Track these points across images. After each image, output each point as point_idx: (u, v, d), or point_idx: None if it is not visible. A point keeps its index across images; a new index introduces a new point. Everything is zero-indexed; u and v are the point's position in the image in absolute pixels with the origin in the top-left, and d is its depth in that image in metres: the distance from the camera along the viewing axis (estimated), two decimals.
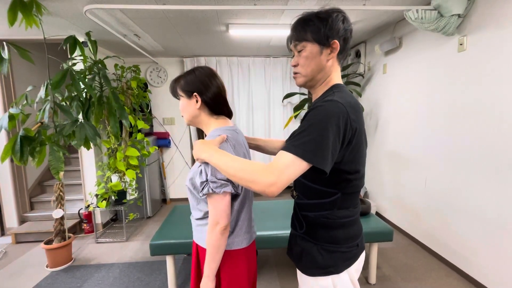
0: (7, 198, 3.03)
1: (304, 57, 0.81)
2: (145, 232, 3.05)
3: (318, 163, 0.68)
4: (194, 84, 0.94)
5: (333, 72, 0.83)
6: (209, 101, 0.95)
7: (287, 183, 0.68)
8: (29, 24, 1.77)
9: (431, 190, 2.38)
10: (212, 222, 0.86)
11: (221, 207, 0.86)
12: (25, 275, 2.25)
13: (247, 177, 0.69)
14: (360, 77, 3.50)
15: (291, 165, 0.68)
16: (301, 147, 0.69)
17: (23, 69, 3.23)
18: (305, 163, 0.68)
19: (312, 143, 0.68)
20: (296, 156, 0.68)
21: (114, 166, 2.83)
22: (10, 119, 1.86)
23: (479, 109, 1.90)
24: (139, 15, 2.30)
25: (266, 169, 0.68)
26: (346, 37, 0.80)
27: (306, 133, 0.70)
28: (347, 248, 0.83)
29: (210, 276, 0.89)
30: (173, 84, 0.98)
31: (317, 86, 0.85)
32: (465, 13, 1.95)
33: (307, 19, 0.80)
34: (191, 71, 0.96)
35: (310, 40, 0.79)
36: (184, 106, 0.96)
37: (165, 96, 3.96)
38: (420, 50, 2.45)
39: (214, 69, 1.04)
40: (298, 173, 0.69)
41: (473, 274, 2.01)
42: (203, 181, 0.85)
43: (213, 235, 0.86)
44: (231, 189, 0.86)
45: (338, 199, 0.81)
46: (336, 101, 0.72)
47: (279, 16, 2.42)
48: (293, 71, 0.86)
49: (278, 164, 0.69)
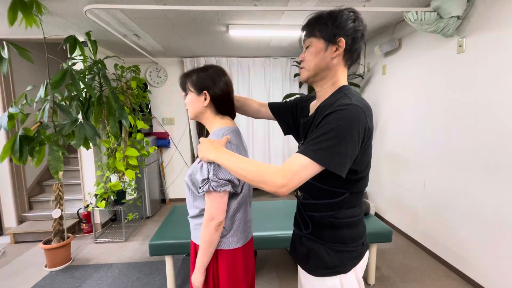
0: (6, 197, 3.02)
1: (310, 52, 0.82)
2: (144, 232, 3.04)
3: (335, 169, 0.69)
4: (206, 81, 0.94)
5: (340, 72, 0.82)
6: (217, 101, 0.96)
7: (298, 185, 0.69)
8: (29, 24, 1.77)
9: (430, 191, 2.38)
10: (208, 217, 0.88)
11: (218, 204, 0.87)
12: (23, 275, 2.25)
13: (258, 179, 0.70)
14: (359, 78, 3.50)
15: (305, 169, 0.69)
16: (319, 152, 0.68)
17: (22, 68, 3.23)
18: (319, 166, 0.69)
19: (331, 148, 0.68)
20: (312, 160, 0.68)
21: (114, 166, 2.83)
22: (9, 118, 1.86)
23: (478, 110, 1.91)
24: (139, 15, 2.30)
25: (279, 171, 0.69)
26: (355, 36, 0.78)
27: (326, 137, 0.69)
28: (353, 247, 0.83)
29: (201, 269, 0.91)
30: (183, 78, 0.98)
31: (323, 84, 0.84)
32: (464, 15, 1.96)
33: (318, 16, 0.80)
34: (205, 68, 0.97)
35: (317, 36, 0.80)
36: (192, 101, 0.96)
37: (164, 96, 3.97)
38: (420, 52, 2.46)
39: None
40: (310, 176, 0.70)
41: (471, 275, 2.01)
42: (205, 179, 0.85)
43: (207, 230, 0.88)
44: (231, 188, 0.88)
45: (346, 198, 0.81)
46: (356, 105, 0.72)
47: (279, 17, 2.42)
48: (300, 66, 0.88)
49: (292, 166, 0.69)
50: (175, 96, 3.98)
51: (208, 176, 0.85)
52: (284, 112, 1.07)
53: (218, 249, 0.93)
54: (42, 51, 2.05)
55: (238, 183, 0.91)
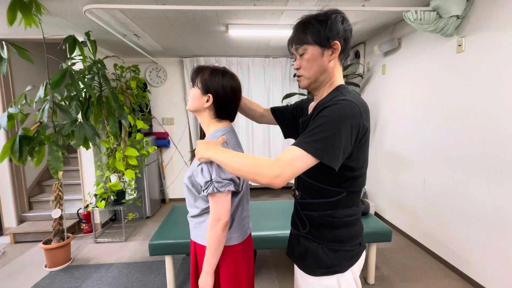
0: (6, 197, 3.02)
1: (306, 59, 0.82)
2: (144, 232, 3.04)
3: (328, 161, 0.70)
4: (215, 85, 0.92)
5: (336, 73, 0.84)
6: (219, 106, 0.95)
7: (292, 176, 0.70)
8: (29, 24, 1.76)
9: (430, 191, 2.38)
10: (214, 218, 0.88)
11: (223, 204, 0.88)
12: (23, 275, 2.25)
13: (253, 171, 0.71)
14: (359, 78, 3.50)
15: (298, 160, 0.69)
16: (312, 144, 0.70)
17: (22, 68, 3.23)
18: (313, 158, 0.70)
19: (324, 140, 0.69)
20: (306, 152, 0.69)
21: (113, 166, 2.83)
22: (9, 118, 1.86)
23: (477, 110, 1.91)
24: (138, 15, 2.30)
25: (273, 162, 0.70)
26: (346, 37, 0.81)
27: (319, 130, 0.70)
28: (350, 246, 0.84)
29: (209, 272, 0.91)
30: (197, 71, 0.96)
31: (321, 87, 0.86)
32: (463, 14, 1.96)
33: (306, 22, 0.81)
34: (220, 72, 0.94)
35: (311, 43, 0.80)
36: (195, 97, 0.95)
37: (164, 96, 3.97)
38: (419, 51, 2.46)
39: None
40: (304, 168, 0.71)
41: (471, 275, 2.01)
42: (207, 181, 0.86)
43: (215, 231, 0.88)
44: (234, 187, 0.89)
45: (343, 198, 0.82)
46: (351, 101, 0.74)
47: (279, 16, 2.42)
48: (297, 74, 0.87)
49: (286, 157, 0.70)
50: (175, 96, 3.98)
51: (211, 177, 0.85)
52: (286, 115, 1.09)
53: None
54: (41, 51, 2.05)
55: (239, 182, 0.92)
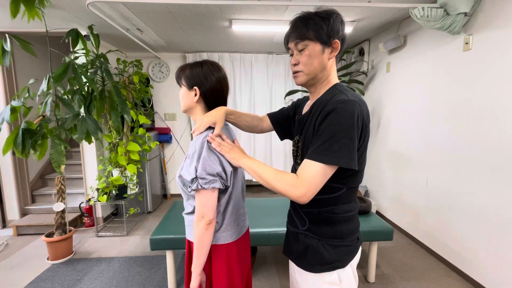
0: (9, 190, 3.04)
1: (307, 55, 0.81)
2: (146, 227, 3.06)
3: (349, 165, 0.72)
4: (197, 77, 0.94)
5: (332, 70, 0.86)
6: (208, 98, 0.95)
7: (317, 190, 0.73)
8: (32, 17, 1.76)
9: (432, 190, 2.37)
10: (198, 215, 0.88)
11: (208, 202, 0.87)
12: (26, 267, 2.27)
13: (280, 188, 0.75)
14: (363, 75, 3.47)
15: (320, 175, 0.72)
16: (333, 155, 0.71)
17: (25, 62, 3.23)
18: (333, 167, 0.73)
19: (345, 148, 0.72)
20: (326, 164, 0.72)
21: (115, 160, 2.84)
22: (12, 111, 1.86)
23: (483, 109, 1.88)
24: (142, 9, 2.28)
25: (296, 183, 0.73)
26: (343, 38, 0.84)
27: (335, 139, 0.72)
28: (349, 241, 0.85)
29: (194, 272, 0.90)
30: (178, 72, 0.99)
31: (318, 85, 0.86)
32: (471, 12, 1.92)
33: (307, 18, 0.80)
34: (199, 64, 0.96)
35: (313, 39, 0.79)
36: (183, 96, 0.98)
37: (167, 92, 3.96)
38: (425, 49, 2.43)
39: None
40: (326, 179, 0.74)
41: (472, 274, 2.01)
42: (193, 178, 0.86)
43: (198, 229, 0.87)
44: (220, 184, 0.87)
45: (343, 193, 0.82)
46: (352, 100, 0.74)
47: (283, 12, 2.40)
48: (293, 70, 0.85)
49: (306, 176, 0.73)
50: (177, 91, 3.91)
51: (196, 174, 0.85)
52: (282, 117, 1.09)
53: (211, 244, 0.93)
54: (44, 44, 2.04)
55: (226, 177, 0.90)
